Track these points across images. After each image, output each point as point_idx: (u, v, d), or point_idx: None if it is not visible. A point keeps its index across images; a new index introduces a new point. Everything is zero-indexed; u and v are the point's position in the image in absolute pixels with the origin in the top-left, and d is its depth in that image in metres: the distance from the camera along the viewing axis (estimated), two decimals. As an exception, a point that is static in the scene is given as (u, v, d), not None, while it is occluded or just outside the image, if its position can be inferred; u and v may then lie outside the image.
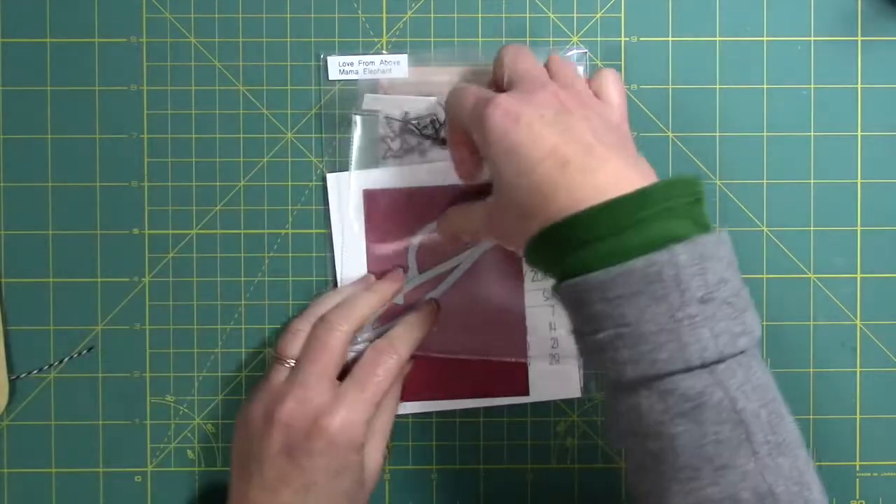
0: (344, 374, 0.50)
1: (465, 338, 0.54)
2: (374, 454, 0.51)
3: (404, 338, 0.52)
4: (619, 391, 0.41)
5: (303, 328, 0.51)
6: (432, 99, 0.54)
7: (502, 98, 0.44)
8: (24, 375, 0.55)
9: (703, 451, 0.38)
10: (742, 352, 0.39)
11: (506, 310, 0.54)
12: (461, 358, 0.54)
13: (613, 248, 0.39)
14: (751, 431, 0.38)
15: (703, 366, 0.38)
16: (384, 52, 0.55)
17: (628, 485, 0.44)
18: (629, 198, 0.40)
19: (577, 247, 0.40)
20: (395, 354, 0.51)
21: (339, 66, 0.54)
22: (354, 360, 0.51)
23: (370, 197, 0.54)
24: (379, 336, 0.52)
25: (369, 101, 0.54)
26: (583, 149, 0.41)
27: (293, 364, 0.50)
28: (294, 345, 0.50)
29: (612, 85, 0.47)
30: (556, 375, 0.55)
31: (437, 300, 0.54)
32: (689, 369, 0.38)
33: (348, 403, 0.48)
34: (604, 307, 0.39)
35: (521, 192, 0.42)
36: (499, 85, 0.49)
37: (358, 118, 0.54)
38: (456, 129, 0.49)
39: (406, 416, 0.55)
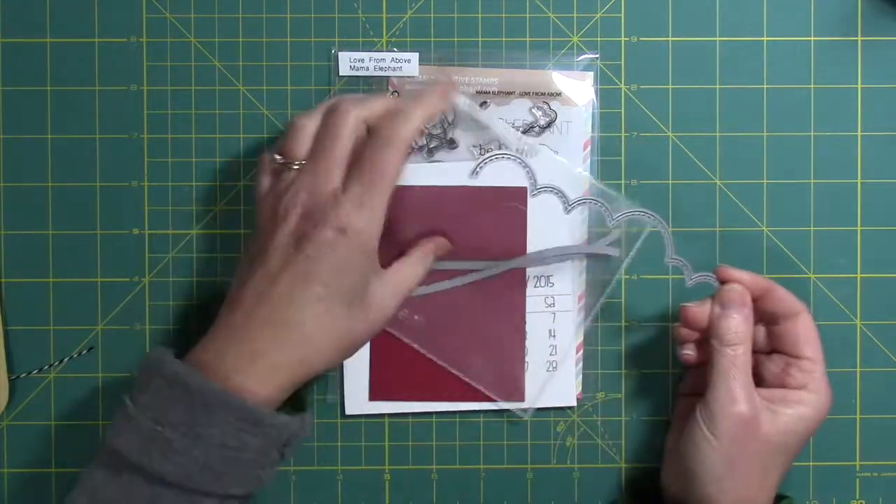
0: None
1: (461, 352, 0.54)
2: (389, 296, 0.48)
3: (406, 120, 0.47)
4: None
5: (309, 123, 0.48)
6: (516, 134, 0.54)
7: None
8: (24, 375, 0.55)
9: None
10: None
11: (506, 345, 0.55)
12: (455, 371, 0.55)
13: None
14: None
15: None
16: (395, 49, 0.55)
17: None
18: None
19: None
20: (392, 144, 0.46)
21: (349, 63, 0.54)
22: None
23: None
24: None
25: (467, 106, 0.54)
26: None
27: (301, 165, 0.47)
28: (301, 143, 0.47)
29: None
30: (553, 383, 0.55)
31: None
32: None
33: (352, 197, 0.45)
34: None
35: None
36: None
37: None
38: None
39: (406, 415, 0.55)
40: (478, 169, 0.52)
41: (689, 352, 0.52)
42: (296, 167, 0.47)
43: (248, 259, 0.47)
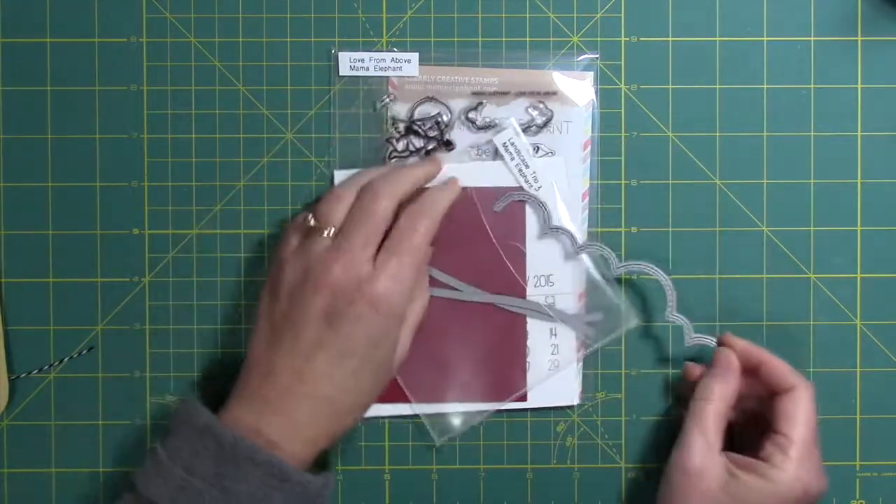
0: None
1: (462, 351, 0.54)
2: (403, 338, 0.50)
3: (435, 199, 0.51)
4: None
5: (346, 195, 0.50)
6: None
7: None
8: (24, 375, 0.55)
9: None
10: None
11: (507, 345, 0.55)
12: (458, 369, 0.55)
13: None
14: None
15: None
16: (395, 49, 0.55)
17: None
18: None
19: None
20: (427, 216, 0.50)
21: (349, 63, 0.54)
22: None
23: None
24: None
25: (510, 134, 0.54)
26: None
27: (332, 233, 0.49)
28: (336, 212, 0.49)
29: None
30: (554, 383, 0.55)
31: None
32: None
33: (389, 271, 0.47)
34: None
35: None
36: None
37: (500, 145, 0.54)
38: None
39: (406, 416, 0.55)
40: (502, 205, 0.54)
41: (685, 410, 0.52)
42: (326, 234, 0.49)
43: (269, 320, 0.49)
